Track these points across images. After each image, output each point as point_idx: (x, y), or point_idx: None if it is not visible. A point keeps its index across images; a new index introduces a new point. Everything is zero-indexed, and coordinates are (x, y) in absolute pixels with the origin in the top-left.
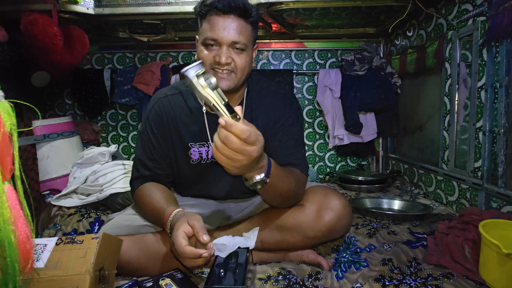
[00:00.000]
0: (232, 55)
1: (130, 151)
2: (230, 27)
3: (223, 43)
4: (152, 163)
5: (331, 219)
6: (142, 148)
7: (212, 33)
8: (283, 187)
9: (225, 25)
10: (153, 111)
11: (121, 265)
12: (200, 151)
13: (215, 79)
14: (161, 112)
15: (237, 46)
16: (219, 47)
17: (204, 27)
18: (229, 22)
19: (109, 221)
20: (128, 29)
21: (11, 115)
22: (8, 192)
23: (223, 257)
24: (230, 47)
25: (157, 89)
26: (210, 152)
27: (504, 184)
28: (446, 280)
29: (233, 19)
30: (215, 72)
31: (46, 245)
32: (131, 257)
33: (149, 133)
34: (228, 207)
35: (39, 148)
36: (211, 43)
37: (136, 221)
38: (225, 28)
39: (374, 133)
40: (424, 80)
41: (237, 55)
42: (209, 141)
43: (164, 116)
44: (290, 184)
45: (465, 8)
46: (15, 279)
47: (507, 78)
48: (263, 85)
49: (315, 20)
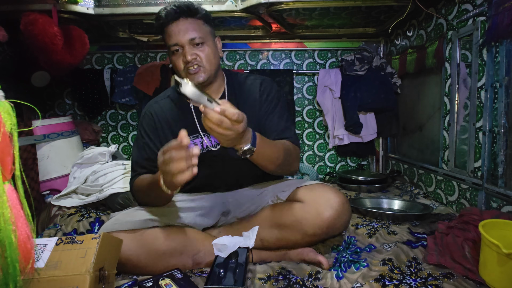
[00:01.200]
0: (195, 51)
1: (130, 151)
2: (183, 29)
3: (183, 43)
4: (148, 162)
5: (330, 215)
6: (137, 151)
7: (172, 40)
8: (271, 153)
9: (178, 29)
10: (146, 117)
11: (121, 262)
12: (195, 143)
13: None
14: (152, 116)
15: (195, 41)
16: (182, 49)
17: (166, 39)
18: (181, 25)
19: (110, 219)
20: (128, 29)
21: (11, 115)
22: (9, 192)
23: (223, 257)
24: (190, 45)
25: (157, 89)
26: (205, 143)
27: (504, 184)
28: (446, 280)
29: (183, 22)
30: (188, 72)
31: (46, 245)
32: (131, 254)
33: (144, 137)
34: (226, 200)
35: (39, 148)
36: (176, 49)
37: (137, 216)
38: (179, 31)
39: (374, 133)
40: (424, 80)
41: (199, 50)
42: (201, 133)
43: (156, 118)
44: (278, 151)
45: (465, 8)
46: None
47: (507, 78)
48: (241, 77)
49: (315, 20)
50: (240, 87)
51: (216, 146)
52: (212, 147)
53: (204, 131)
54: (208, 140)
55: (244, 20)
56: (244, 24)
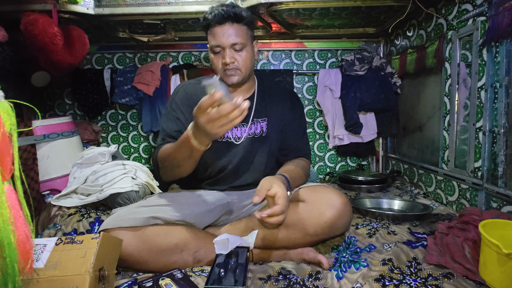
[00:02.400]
0: (234, 55)
1: (130, 151)
2: (228, 33)
3: (225, 47)
4: (178, 133)
5: (332, 215)
6: (168, 121)
7: (215, 41)
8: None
9: (223, 32)
10: (180, 93)
11: (122, 258)
12: None
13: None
14: (186, 94)
15: (236, 47)
16: (223, 51)
17: (209, 38)
18: (226, 29)
19: (111, 215)
20: (128, 29)
21: (11, 115)
22: (8, 192)
23: (224, 255)
24: (231, 48)
25: (157, 89)
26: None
27: (504, 184)
28: (446, 280)
29: (228, 26)
30: (225, 72)
31: (45, 245)
32: (132, 250)
33: (175, 110)
34: (231, 200)
35: (39, 148)
36: (217, 50)
37: (139, 213)
38: (223, 35)
39: (374, 133)
40: (424, 80)
41: (238, 54)
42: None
43: (189, 96)
44: (302, 179)
45: (465, 8)
46: (14, 279)
47: (507, 78)
48: (271, 82)
49: (315, 20)
50: (270, 91)
51: (237, 140)
52: (233, 139)
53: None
54: (230, 131)
55: None
56: None
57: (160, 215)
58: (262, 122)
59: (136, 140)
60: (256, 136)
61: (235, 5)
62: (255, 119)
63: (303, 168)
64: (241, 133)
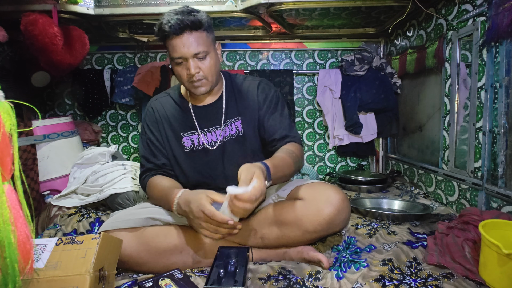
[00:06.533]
0: (198, 64)
1: (130, 151)
2: (188, 43)
3: (187, 57)
4: (154, 157)
5: (330, 212)
6: (143, 146)
7: (176, 53)
8: (284, 172)
9: (183, 43)
10: (148, 113)
11: (122, 259)
12: (192, 139)
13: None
14: (153, 112)
15: (199, 55)
16: (186, 62)
17: (169, 49)
18: (185, 39)
19: (111, 217)
20: (128, 29)
21: (11, 115)
22: (8, 192)
23: (224, 256)
24: (194, 58)
25: (157, 89)
26: (201, 139)
27: (504, 184)
28: (446, 280)
29: (187, 36)
30: (192, 84)
31: (46, 246)
32: (132, 251)
33: (147, 132)
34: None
35: (39, 148)
36: (179, 61)
37: (138, 215)
38: (184, 46)
39: (374, 133)
40: (424, 80)
41: (202, 62)
42: (198, 130)
43: (157, 114)
44: (289, 167)
45: (465, 8)
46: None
47: (507, 78)
48: (239, 78)
49: (315, 20)
50: (238, 88)
51: (213, 145)
52: (209, 145)
53: (201, 128)
54: (204, 137)
55: (244, 20)
56: (244, 24)
57: (159, 216)
58: (236, 122)
59: (136, 140)
60: (233, 138)
61: (190, 11)
62: (227, 121)
63: (290, 154)
64: (216, 137)
